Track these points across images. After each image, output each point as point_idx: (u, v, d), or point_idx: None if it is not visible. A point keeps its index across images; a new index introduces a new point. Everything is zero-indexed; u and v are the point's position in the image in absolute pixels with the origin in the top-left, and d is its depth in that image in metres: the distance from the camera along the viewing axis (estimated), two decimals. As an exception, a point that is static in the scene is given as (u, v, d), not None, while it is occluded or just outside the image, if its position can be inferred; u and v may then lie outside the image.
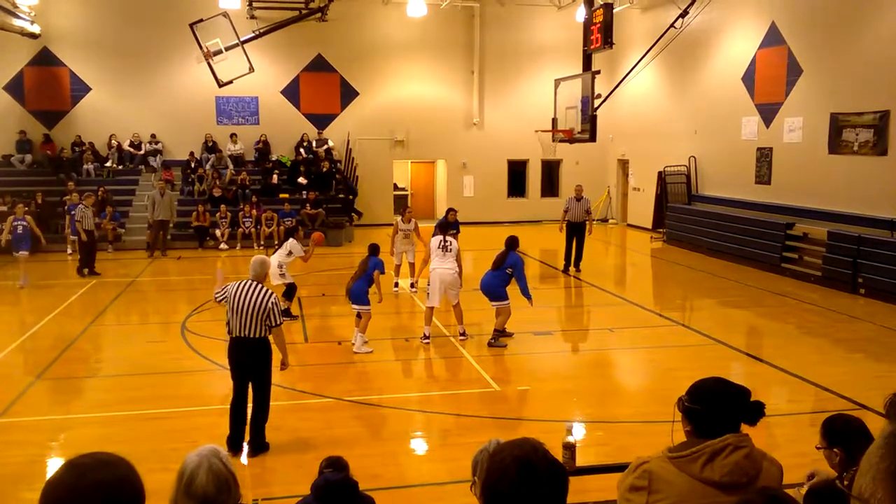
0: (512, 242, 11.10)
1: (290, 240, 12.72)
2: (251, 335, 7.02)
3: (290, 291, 12.58)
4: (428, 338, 11.10)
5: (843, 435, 3.47)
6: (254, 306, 6.96)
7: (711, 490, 2.45)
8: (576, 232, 16.85)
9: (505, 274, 10.93)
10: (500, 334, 11.10)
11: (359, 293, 10.69)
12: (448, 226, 11.98)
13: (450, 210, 14.96)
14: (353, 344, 10.76)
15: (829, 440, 3.52)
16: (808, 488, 3.48)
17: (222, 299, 7.21)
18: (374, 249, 11.08)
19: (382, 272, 11.00)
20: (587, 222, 16.86)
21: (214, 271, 7.79)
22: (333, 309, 13.97)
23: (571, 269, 16.94)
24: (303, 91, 24.78)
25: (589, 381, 9.90)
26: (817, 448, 3.59)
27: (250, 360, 7.12)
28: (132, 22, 23.13)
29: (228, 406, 7.21)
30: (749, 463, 2.48)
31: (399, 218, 15.35)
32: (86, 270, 16.75)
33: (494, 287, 10.93)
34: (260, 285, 7.12)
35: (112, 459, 1.86)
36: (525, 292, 10.96)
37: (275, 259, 12.21)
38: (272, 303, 7.03)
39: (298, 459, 7.05)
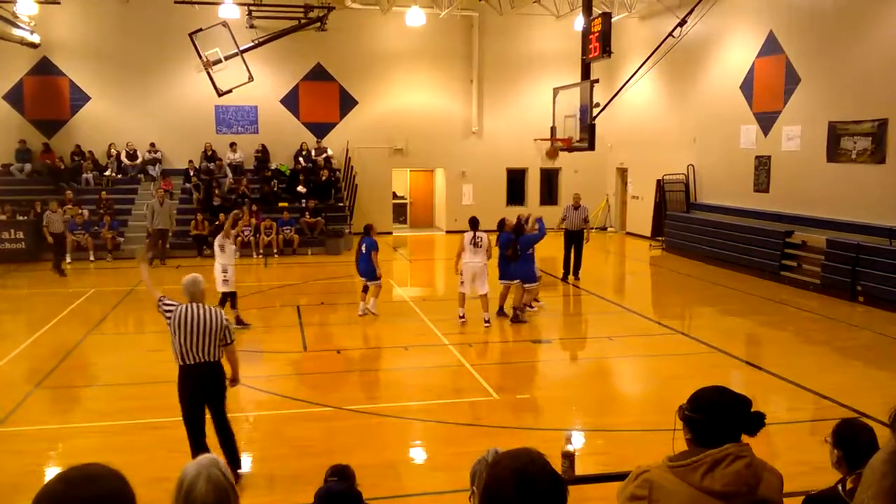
0: (519, 230, 12.78)
1: (215, 239, 12.68)
2: (209, 359, 6.60)
3: (232, 299, 12.51)
4: (463, 317, 12.67)
5: (848, 442, 3.55)
6: (208, 327, 6.53)
7: (712, 500, 2.44)
8: (574, 240, 16.86)
9: (528, 255, 12.57)
10: (522, 311, 12.78)
11: (368, 271, 12.97)
12: (476, 225, 13.08)
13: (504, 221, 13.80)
14: (368, 309, 13.08)
15: (835, 441, 3.64)
16: (806, 497, 3.48)
17: (169, 317, 6.62)
18: (367, 230, 13.26)
19: (377, 251, 12.99)
20: (585, 230, 16.89)
21: (142, 276, 7.47)
22: (332, 317, 13.97)
23: (571, 277, 16.95)
24: (302, 100, 24.81)
25: (588, 390, 9.89)
26: (826, 441, 3.68)
27: (210, 386, 6.72)
28: (132, 31, 23.17)
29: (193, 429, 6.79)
30: (749, 472, 2.48)
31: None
32: (66, 266, 17.94)
33: (529, 271, 12.59)
34: (205, 305, 6.70)
35: (102, 472, 1.83)
36: (541, 235, 12.90)
37: (217, 265, 12.33)
38: (225, 319, 6.73)
39: (297, 468, 7.03)
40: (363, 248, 13.11)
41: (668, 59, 18.71)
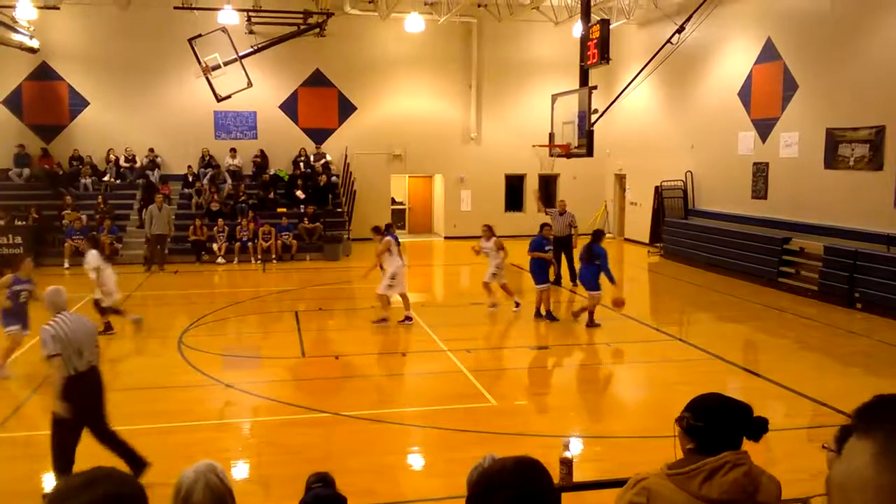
0: (598, 236, 13.03)
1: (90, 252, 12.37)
2: (96, 362, 6.81)
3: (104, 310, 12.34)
4: (388, 321, 13.04)
5: None
6: (88, 331, 6.71)
7: (710, 508, 2.44)
8: (561, 246, 16.90)
9: (595, 266, 12.76)
10: (589, 314, 13.05)
11: None
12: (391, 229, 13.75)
13: (544, 225, 14.22)
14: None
15: (842, 447, 3.46)
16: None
17: (54, 352, 6.44)
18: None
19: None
20: (574, 236, 16.91)
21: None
22: (330, 323, 13.96)
23: (567, 283, 16.95)
24: (301, 106, 24.84)
25: (586, 396, 9.88)
26: (824, 447, 3.56)
27: (99, 388, 6.82)
28: (131, 37, 23.19)
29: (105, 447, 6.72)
30: (747, 480, 2.47)
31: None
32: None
33: (590, 278, 12.88)
34: (74, 313, 6.84)
35: (123, 474, 1.83)
36: (609, 277, 12.80)
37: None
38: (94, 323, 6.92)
39: (294, 474, 6.98)
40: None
41: (666, 65, 18.76)
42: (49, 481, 7.06)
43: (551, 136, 19.31)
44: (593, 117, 17.02)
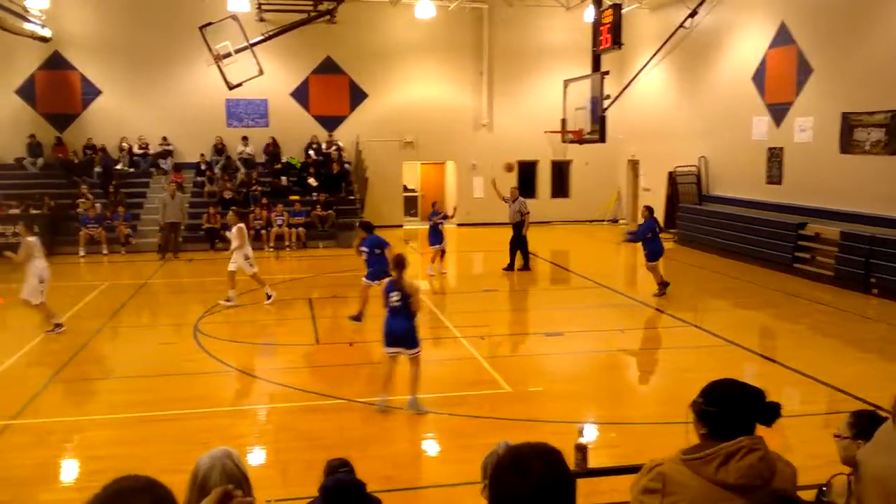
0: (652, 212, 14.78)
1: None
2: None
3: None
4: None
5: (872, 432, 3.30)
6: None
7: (726, 493, 2.44)
8: (512, 232, 16.91)
9: (651, 238, 14.40)
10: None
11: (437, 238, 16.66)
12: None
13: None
14: (438, 270, 16.71)
15: (857, 432, 3.37)
16: (820, 489, 3.41)
17: None
18: (433, 206, 17.30)
19: (441, 218, 16.92)
20: (525, 222, 16.85)
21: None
22: (344, 310, 13.98)
23: (516, 267, 16.94)
24: (312, 93, 24.83)
25: (601, 383, 9.87)
26: (835, 436, 3.49)
27: None
28: (142, 25, 23.25)
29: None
30: (763, 465, 2.47)
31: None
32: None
33: (650, 251, 14.53)
34: None
35: (153, 482, 1.82)
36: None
37: None
38: None
39: (310, 460, 7.04)
40: (432, 220, 16.68)
41: (679, 50, 18.64)
42: (65, 467, 7.14)
43: (563, 122, 19.26)
44: (606, 103, 16.96)
